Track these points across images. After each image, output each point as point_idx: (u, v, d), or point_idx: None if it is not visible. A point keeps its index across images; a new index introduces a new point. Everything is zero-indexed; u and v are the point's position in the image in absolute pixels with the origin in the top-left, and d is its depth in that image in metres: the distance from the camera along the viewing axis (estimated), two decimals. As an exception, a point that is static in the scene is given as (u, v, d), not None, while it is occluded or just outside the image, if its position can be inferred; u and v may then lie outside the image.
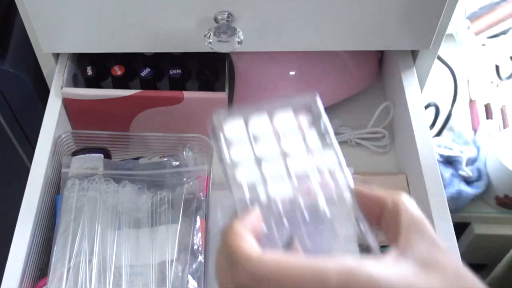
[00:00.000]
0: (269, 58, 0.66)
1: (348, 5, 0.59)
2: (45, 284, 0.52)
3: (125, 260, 0.53)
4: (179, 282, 0.52)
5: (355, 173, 0.66)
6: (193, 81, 0.70)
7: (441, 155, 0.93)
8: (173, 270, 0.53)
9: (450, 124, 0.97)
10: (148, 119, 0.67)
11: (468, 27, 0.94)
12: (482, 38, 0.95)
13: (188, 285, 0.52)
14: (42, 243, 0.58)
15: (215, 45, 0.58)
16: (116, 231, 0.55)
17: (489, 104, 0.99)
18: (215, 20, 0.58)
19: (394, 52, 0.70)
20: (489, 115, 0.98)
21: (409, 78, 0.67)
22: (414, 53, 0.69)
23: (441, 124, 0.95)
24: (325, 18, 0.60)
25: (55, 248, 0.53)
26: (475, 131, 0.97)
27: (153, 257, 0.54)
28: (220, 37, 0.57)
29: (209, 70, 0.68)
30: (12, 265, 0.52)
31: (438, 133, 0.97)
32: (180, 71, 0.66)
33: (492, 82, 1.02)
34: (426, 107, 0.90)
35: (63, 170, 0.58)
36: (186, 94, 0.64)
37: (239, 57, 0.66)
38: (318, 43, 0.63)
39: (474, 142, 0.96)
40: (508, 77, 1.00)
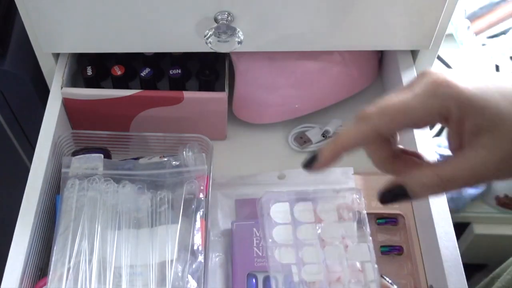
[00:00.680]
0: (269, 58, 0.67)
1: (348, 5, 0.59)
2: (45, 284, 0.52)
3: (125, 260, 0.53)
4: (179, 282, 0.52)
5: (355, 173, 0.66)
6: (193, 81, 0.70)
7: (441, 155, 0.93)
8: (173, 270, 0.53)
9: (450, 124, 0.96)
10: (148, 119, 0.67)
11: (468, 27, 0.94)
12: (482, 38, 0.95)
13: (188, 285, 0.52)
14: (42, 243, 0.58)
15: (215, 45, 0.58)
16: (116, 231, 0.55)
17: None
18: (215, 20, 0.58)
19: (394, 52, 0.70)
20: (489, 115, 0.98)
21: (409, 78, 0.67)
22: (414, 53, 0.69)
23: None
24: (325, 18, 0.60)
25: (55, 248, 0.53)
26: (475, 131, 0.97)
27: (153, 257, 0.54)
28: (220, 37, 0.57)
29: (209, 70, 0.68)
30: (12, 265, 0.52)
31: (438, 133, 0.97)
32: (180, 71, 0.66)
33: (492, 82, 1.01)
34: (426, 107, 0.89)
35: (63, 170, 0.58)
36: (186, 94, 0.64)
37: (239, 57, 0.66)
38: (318, 43, 0.63)
39: (474, 142, 0.96)
40: (508, 77, 1.00)
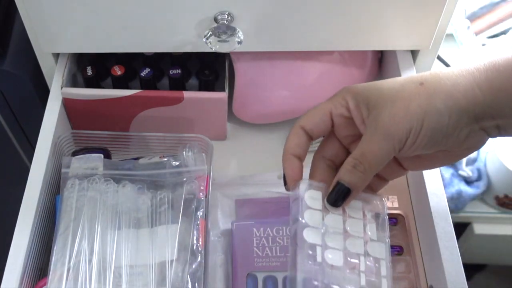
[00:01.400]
0: (269, 58, 0.67)
1: (348, 5, 0.59)
2: (45, 284, 0.52)
3: (125, 260, 0.54)
4: (179, 282, 0.52)
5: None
6: (193, 81, 0.70)
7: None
8: (173, 270, 0.53)
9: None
10: (148, 119, 0.67)
11: (468, 27, 0.94)
12: (482, 38, 0.95)
13: (188, 285, 0.52)
14: (42, 243, 0.58)
15: (215, 45, 0.58)
16: (116, 231, 0.55)
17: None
18: (215, 20, 0.58)
19: (394, 52, 0.70)
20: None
21: (409, 78, 0.67)
22: (414, 53, 0.69)
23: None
24: (325, 18, 0.60)
25: (55, 248, 0.53)
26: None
27: (153, 257, 0.54)
28: (220, 37, 0.57)
29: (209, 70, 0.68)
30: (12, 265, 0.52)
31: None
32: (180, 71, 0.66)
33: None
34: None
35: (63, 170, 0.58)
36: (186, 94, 0.64)
37: (239, 57, 0.66)
38: (318, 43, 0.63)
39: (474, 142, 0.96)
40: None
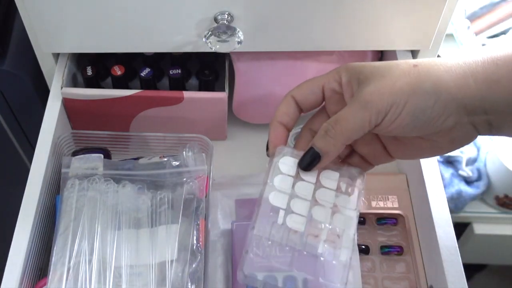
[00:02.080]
0: (269, 58, 0.67)
1: (348, 5, 0.59)
2: (45, 284, 0.52)
3: (125, 260, 0.54)
4: (179, 282, 0.52)
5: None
6: (193, 81, 0.70)
7: (441, 155, 0.93)
8: (173, 270, 0.53)
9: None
10: (148, 119, 0.67)
11: (468, 27, 0.94)
12: (482, 38, 0.95)
13: (188, 285, 0.52)
14: (42, 243, 0.58)
15: (215, 45, 0.58)
16: (116, 231, 0.55)
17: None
18: (215, 20, 0.58)
19: (394, 52, 0.70)
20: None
21: (409, 78, 0.67)
22: (414, 53, 0.69)
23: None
24: (325, 18, 0.60)
25: (55, 248, 0.53)
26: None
27: (153, 257, 0.54)
28: (220, 37, 0.57)
29: (209, 70, 0.68)
30: (12, 265, 0.52)
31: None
32: (180, 71, 0.66)
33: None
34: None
35: (63, 170, 0.58)
36: (186, 94, 0.64)
37: (239, 57, 0.66)
38: (318, 43, 0.63)
39: (474, 142, 0.96)
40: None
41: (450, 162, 0.96)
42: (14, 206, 0.56)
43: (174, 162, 0.60)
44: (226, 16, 0.58)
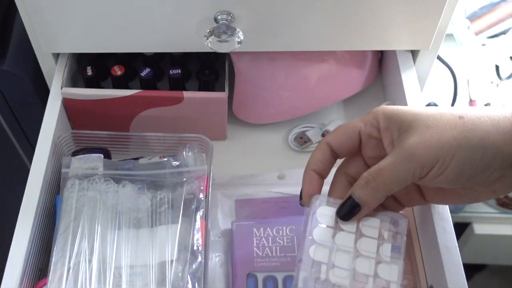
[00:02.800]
0: (269, 58, 0.67)
1: (348, 5, 0.59)
2: (45, 284, 0.52)
3: (125, 260, 0.54)
4: (179, 282, 0.52)
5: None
6: (193, 81, 0.70)
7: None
8: (173, 270, 0.53)
9: (450, 124, 0.96)
10: (148, 119, 0.67)
11: (468, 27, 0.94)
12: (482, 38, 0.95)
13: (188, 285, 0.52)
14: (42, 243, 0.58)
15: (215, 45, 0.58)
16: (116, 231, 0.55)
17: (489, 104, 0.99)
18: (215, 20, 0.58)
19: (394, 52, 0.70)
20: (489, 115, 0.98)
21: (409, 78, 0.67)
22: (414, 53, 0.69)
23: (441, 124, 0.94)
24: (325, 18, 0.60)
25: (55, 248, 0.53)
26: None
27: (153, 257, 0.54)
28: (220, 37, 0.57)
29: (209, 70, 0.68)
30: (12, 265, 0.52)
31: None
32: (180, 71, 0.66)
33: (492, 82, 1.02)
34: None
35: (63, 170, 0.58)
36: (186, 94, 0.64)
37: (239, 57, 0.66)
38: (318, 43, 0.63)
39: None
40: (508, 77, 1.00)
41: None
42: (14, 206, 0.56)
43: (174, 162, 0.60)
44: (226, 16, 0.58)
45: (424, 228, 0.60)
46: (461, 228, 1.08)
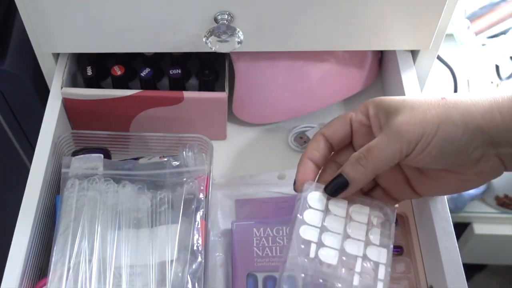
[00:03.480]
0: (269, 58, 0.67)
1: (348, 5, 0.59)
2: (45, 284, 0.52)
3: (125, 260, 0.54)
4: (179, 282, 0.52)
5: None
6: (193, 81, 0.70)
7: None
8: (173, 270, 0.53)
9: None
10: (148, 119, 0.67)
11: (468, 27, 0.94)
12: (482, 38, 0.95)
13: (188, 285, 0.52)
14: (42, 243, 0.58)
15: (215, 45, 0.58)
16: (116, 231, 0.55)
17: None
18: (215, 20, 0.58)
19: (394, 52, 0.70)
20: (489, 115, 0.98)
21: (409, 78, 0.67)
22: (414, 53, 0.69)
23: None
24: (325, 18, 0.60)
25: (55, 248, 0.53)
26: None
27: (153, 257, 0.54)
28: (220, 37, 0.57)
29: (209, 70, 0.68)
30: (12, 265, 0.52)
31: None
32: (180, 71, 0.66)
33: (492, 82, 1.02)
34: (426, 107, 0.89)
35: (63, 170, 0.58)
36: (186, 94, 0.64)
37: (239, 57, 0.66)
38: (318, 43, 0.63)
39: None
40: (508, 77, 1.00)
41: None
42: (14, 206, 0.56)
43: (174, 162, 0.60)
44: (226, 16, 0.58)
45: (424, 228, 0.60)
46: (461, 228, 1.08)
